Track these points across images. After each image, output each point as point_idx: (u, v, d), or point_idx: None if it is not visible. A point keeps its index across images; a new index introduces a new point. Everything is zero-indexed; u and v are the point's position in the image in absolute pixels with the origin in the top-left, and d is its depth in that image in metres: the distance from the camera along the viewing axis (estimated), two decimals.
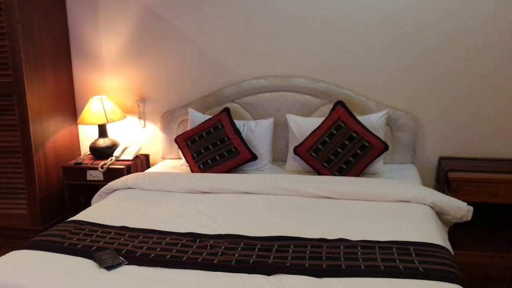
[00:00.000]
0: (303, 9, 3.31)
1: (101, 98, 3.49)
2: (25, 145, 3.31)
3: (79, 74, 3.77)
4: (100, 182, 3.37)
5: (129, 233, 2.13)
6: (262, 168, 3.19)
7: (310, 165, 2.99)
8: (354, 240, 1.98)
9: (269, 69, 3.43)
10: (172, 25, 3.53)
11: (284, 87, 3.35)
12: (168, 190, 2.76)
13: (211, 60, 3.53)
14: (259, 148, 3.20)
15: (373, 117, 3.10)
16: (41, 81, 3.39)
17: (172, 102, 3.65)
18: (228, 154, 3.09)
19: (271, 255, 1.88)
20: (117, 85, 3.72)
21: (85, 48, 3.72)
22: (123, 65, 3.68)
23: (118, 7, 3.58)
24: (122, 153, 3.51)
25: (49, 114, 3.49)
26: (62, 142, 3.65)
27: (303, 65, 3.37)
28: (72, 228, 2.19)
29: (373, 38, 3.25)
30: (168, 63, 3.61)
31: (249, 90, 3.41)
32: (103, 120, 3.44)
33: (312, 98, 3.31)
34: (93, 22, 3.65)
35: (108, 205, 2.59)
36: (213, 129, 3.16)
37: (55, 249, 1.97)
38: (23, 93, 3.23)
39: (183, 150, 3.23)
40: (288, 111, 3.32)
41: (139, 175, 2.93)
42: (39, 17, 3.36)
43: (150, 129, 3.77)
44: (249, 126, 3.27)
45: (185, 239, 2.06)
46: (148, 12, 3.55)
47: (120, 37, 3.64)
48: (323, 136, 2.96)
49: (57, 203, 3.58)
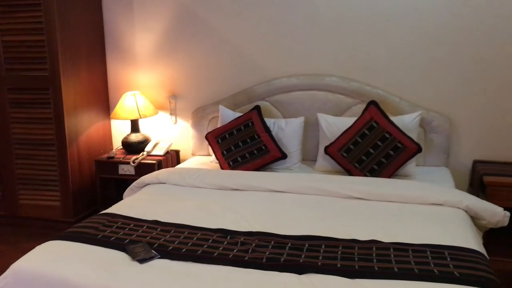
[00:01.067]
0: (337, 7, 3.28)
1: (134, 94, 3.54)
2: (59, 138, 3.38)
3: (113, 69, 3.84)
4: (131, 176, 3.41)
5: (161, 227, 2.16)
6: (291, 167, 3.17)
7: (341, 165, 2.96)
8: (386, 242, 1.95)
9: (301, 67, 3.41)
10: (205, 22, 3.55)
11: (315, 86, 3.32)
12: (198, 186, 2.78)
13: (242, 58, 3.54)
14: (289, 147, 3.19)
15: (407, 118, 3.05)
16: (76, 76, 3.46)
17: (203, 99, 3.67)
18: (258, 152, 3.09)
19: (302, 254, 1.87)
20: (150, 81, 3.77)
21: (119, 44, 3.78)
22: (156, 61, 3.73)
23: (152, 3, 3.62)
24: (153, 148, 3.56)
25: (83, 108, 3.56)
26: (95, 136, 3.71)
27: (335, 64, 3.34)
28: (105, 220, 2.23)
29: (408, 38, 3.19)
30: (200, 60, 3.63)
31: (280, 89, 3.40)
32: (136, 116, 3.49)
33: (344, 97, 3.28)
34: (127, 18, 3.70)
35: (140, 199, 2.62)
36: (244, 127, 3.16)
37: (89, 241, 2.00)
38: (59, 87, 3.30)
39: (213, 147, 3.24)
40: (319, 110, 3.29)
41: (170, 171, 2.96)
42: (75, 12, 3.43)
43: (181, 125, 3.80)
44: (279, 124, 3.26)
45: (215, 235, 2.07)
46: (182, 9, 3.58)
47: (153, 34, 3.68)
48: (355, 136, 2.93)
49: (88, 196, 3.65)
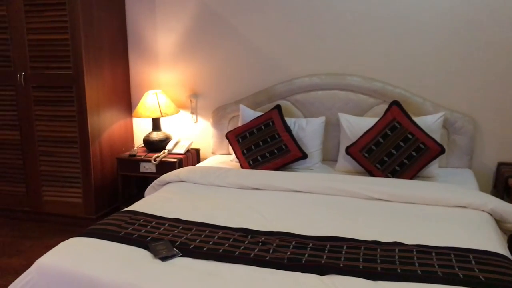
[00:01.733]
0: (358, 6, 3.25)
1: (156, 93, 3.57)
2: (82, 136, 3.43)
3: (135, 68, 3.87)
4: (152, 174, 3.44)
5: (182, 225, 2.17)
6: (312, 167, 3.16)
7: (362, 166, 2.94)
8: (409, 244, 1.93)
9: (322, 66, 3.40)
10: (227, 22, 3.56)
11: (337, 86, 3.30)
12: (219, 184, 2.79)
13: (263, 57, 3.54)
14: (309, 147, 3.18)
15: (430, 119, 3.01)
16: (99, 74, 3.50)
17: (223, 98, 3.68)
18: (278, 151, 3.08)
19: (323, 255, 1.86)
20: (171, 80, 3.79)
21: (141, 43, 3.81)
22: (177, 61, 3.75)
23: (174, 3, 3.65)
24: (174, 146, 3.58)
25: (106, 106, 3.60)
26: (117, 134, 3.76)
27: (357, 64, 3.32)
28: (128, 218, 2.25)
29: (430, 37, 3.15)
30: (221, 59, 3.64)
31: (301, 88, 3.39)
32: (157, 114, 3.52)
33: (366, 97, 3.25)
34: (150, 17, 3.73)
35: (162, 197, 2.64)
36: (264, 126, 3.16)
37: (112, 238, 2.02)
38: (82, 86, 3.35)
39: (234, 146, 3.25)
40: (341, 110, 3.27)
41: (191, 169, 2.98)
42: (99, 11, 3.47)
43: (201, 124, 3.81)
44: (300, 124, 3.25)
45: (236, 234, 2.07)
46: (204, 8, 3.59)
47: (175, 33, 3.70)
48: (377, 137, 2.90)
49: (110, 193, 3.70)
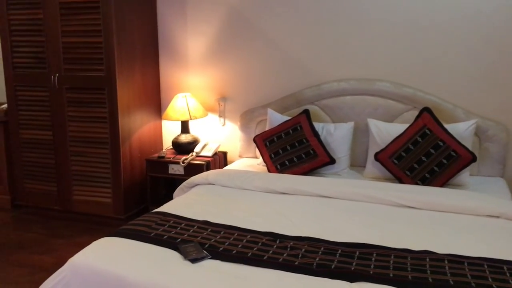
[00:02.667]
0: (388, 11, 3.23)
1: (186, 96, 3.61)
2: (113, 137, 3.50)
3: (165, 71, 3.93)
4: (180, 176, 3.48)
5: (211, 228, 2.19)
6: (339, 173, 3.15)
7: (392, 172, 2.91)
8: (440, 253, 1.90)
9: (351, 72, 3.38)
10: (256, 26, 3.58)
11: (366, 91, 3.28)
12: (247, 188, 2.80)
13: (292, 62, 3.54)
14: (337, 152, 3.17)
15: (461, 126, 2.96)
16: (130, 77, 3.56)
17: (251, 102, 3.70)
18: (306, 156, 3.08)
19: (353, 261, 1.85)
20: (200, 83, 3.83)
21: (172, 46, 3.86)
22: (207, 64, 3.79)
23: (205, 7, 3.69)
24: (202, 149, 3.62)
25: (136, 108, 3.66)
26: (146, 135, 3.81)
27: (387, 69, 3.29)
28: (158, 219, 2.28)
29: (463, 43, 3.10)
30: (250, 63, 3.66)
31: (330, 93, 3.38)
32: (187, 117, 3.56)
33: (396, 103, 3.22)
34: (181, 21, 3.79)
35: (190, 199, 2.67)
36: (292, 131, 3.16)
37: (143, 238, 2.05)
38: (114, 88, 3.41)
39: (261, 150, 3.26)
40: (370, 115, 3.25)
41: (219, 172, 3.00)
42: (131, 15, 3.53)
43: (229, 127, 3.84)
44: (328, 129, 3.24)
45: (265, 238, 2.08)
46: (233, 13, 3.62)
47: (205, 37, 3.74)
48: (407, 143, 2.87)
49: (138, 194, 3.75)
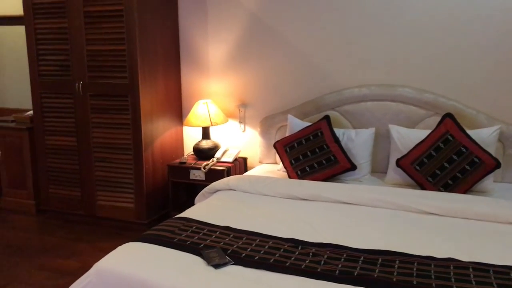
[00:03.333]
0: (409, 16, 3.22)
1: (206, 102, 3.65)
2: (136, 143, 3.55)
3: (186, 78, 3.98)
4: (201, 181, 3.52)
5: (233, 233, 2.21)
6: (361, 179, 3.14)
7: (414, 178, 2.89)
8: (464, 261, 1.89)
9: (372, 77, 3.38)
10: (276, 33, 3.60)
11: (387, 97, 3.27)
12: (267, 194, 2.81)
13: (312, 68, 3.55)
14: (358, 158, 3.16)
15: (484, 132, 2.93)
16: (153, 84, 3.62)
17: (271, 108, 3.72)
18: (326, 162, 3.08)
19: (375, 269, 1.84)
20: (221, 90, 3.87)
21: (193, 54, 3.91)
22: (227, 71, 3.82)
23: (226, 14, 3.73)
24: (222, 155, 3.64)
25: (159, 115, 3.71)
26: (168, 141, 3.86)
27: (408, 75, 3.28)
28: (181, 224, 2.31)
29: (485, 48, 3.07)
30: (270, 69, 3.68)
31: (351, 99, 3.38)
32: (208, 123, 3.59)
33: (417, 109, 3.21)
34: (202, 29, 3.83)
35: (212, 205, 2.69)
36: (313, 137, 3.17)
37: (166, 244, 2.08)
38: (137, 95, 3.47)
39: (282, 156, 3.27)
40: (391, 121, 3.24)
41: (240, 178, 3.02)
42: (154, 23, 3.59)
43: (249, 133, 3.86)
44: (349, 135, 3.24)
45: (287, 244, 2.09)
46: (254, 20, 3.65)
47: (226, 44, 3.78)
48: (429, 149, 2.85)
49: (160, 199, 3.80)
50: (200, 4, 3.80)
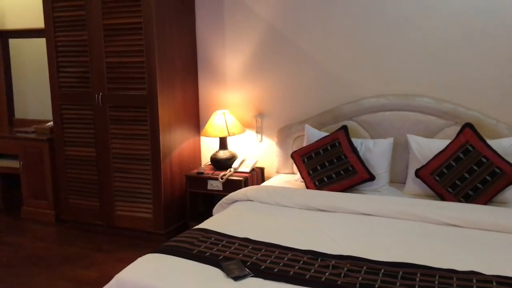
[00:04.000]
0: (427, 25, 3.21)
1: (224, 112, 3.67)
2: (154, 154, 3.58)
3: (204, 89, 4.01)
4: (219, 192, 3.53)
5: (252, 245, 2.21)
6: (379, 189, 3.12)
7: (433, 189, 2.86)
8: (487, 274, 1.86)
9: (390, 87, 3.36)
10: (293, 43, 3.62)
11: (405, 107, 3.25)
12: (286, 205, 2.81)
13: (329, 78, 3.55)
14: (377, 168, 3.14)
15: (505, 142, 2.89)
16: (171, 95, 3.65)
17: (288, 118, 3.72)
18: (344, 172, 3.07)
19: (397, 281, 1.83)
20: (238, 100, 3.89)
21: (210, 65, 3.94)
22: (244, 81, 3.84)
23: (243, 26, 3.76)
24: (240, 165, 3.65)
25: (177, 125, 3.74)
26: (186, 152, 3.89)
27: (427, 84, 3.26)
28: (200, 236, 2.31)
29: (505, 57, 3.04)
30: (287, 79, 3.69)
31: (368, 109, 3.37)
32: (225, 134, 3.61)
33: (436, 118, 3.18)
34: (219, 40, 3.86)
35: (230, 216, 2.70)
36: (330, 147, 3.16)
37: (186, 255, 2.09)
38: (155, 106, 3.50)
39: (299, 166, 3.27)
40: (409, 131, 3.21)
41: (258, 188, 3.03)
42: (172, 35, 3.63)
43: (266, 143, 3.87)
44: (367, 145, 3.22)
45: (306, 256, 2.08)
46: (270, 30, 3.67)
47: (243, 55, 3.80)
48: (448, 160, 2.82)
49: (178, 209, 3.81)
50: (217, 16, 3.83)
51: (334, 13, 3.46)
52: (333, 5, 3.45)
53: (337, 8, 3.44)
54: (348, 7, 3.41)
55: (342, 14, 3.43)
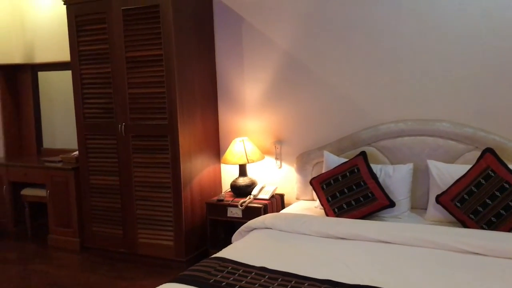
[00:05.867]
0: (445, 49, 3.21)
1: (243, 140, 3.71)
2: (175, 182, 3.63)
3: (223, 117, 4.07)
4: (239, 219, 3.54)
5: (269, 274, 2.20)
6: (400, 216, 3.08)
7: (454, 215, 2.81)
8: None
9: (408, 112, 3.35)
10: (310, 70, 3.66)
11: (424, 132, 3.23)
12: (304, 233, 2.80)
13: (347, 103, 3.56)
14: (397, 194, 3.11)
15: None
16: (191, 124, 3.72)
17: (307, 144, 3.73)
18: (364, 199, 3.05)
19: None
20: (257, 127, 3.93)
21: (230, 93, 4.01)
22: (263, 109, 3.89)
23: (261, 55, 3.83)
24: (259, 192, 3.67)
25: (197, 153, 3.80)
26: (206, 179, 3.93)
27: (445, 109, 3.24)
28: (217, 265, 2.33)
29: None
30: (305, 106, 3.72)
31: (387, 134, 3.35)
32: (244, 161, 3.65)
33: (456, 143, 3.14)
34: (238, 70, 3.94)
35: (248, 244, 2.71)
36: (349, 173, 3.15)
37: (202, 285, 2.11)
38: (176, 135, 3.58)
39: (318, 193, 3.26)
40: (429, 156, 3.18)
41: (276, 216, 3.03)
42: (192, 66, 3.73)
43: (285, 170, 3.88)
44: (386, 171, 3.20)
45: (323, 286, 2.06)
46: (288, 58, 3.73)
47: (261, 83, 3.86)
48: (469, 186, 2.78)
49: (199, 236, 3.84)
50: (236, 46, 3.92)
51: (351, 39, 3.49)
52: (350, 32, 3.49)
53: (354, 34, 3.48)
54: (365, 33, 3.44)
55: (359, 40, 3.46)
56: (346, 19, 3.49)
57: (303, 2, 3.63)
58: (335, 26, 3.53)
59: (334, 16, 3.53)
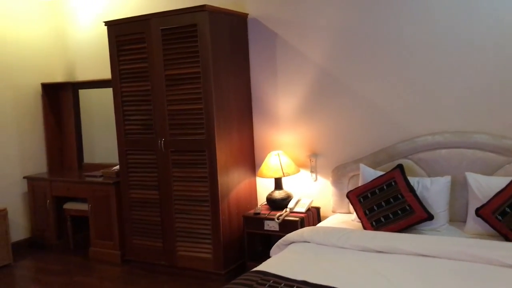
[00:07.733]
0: (482, 63, 3.19)
1: (278, 153, 3.77)
2: (213, 195, 3.71)
3: (258, 131, 4.14)
4: (275, 232, 3.59)
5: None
6: (438, 229, 3.06)
7: (496, 229, 2.78)
8: None
9: (445, 124, 3.34)
10: (344, 83, 3.69)
11: (462, 144, 3.22)
12: (342, 246, 2.81)
13: (383, 116, 3.58)
14: (435, 207, 3.09)
15: None
16: (227, 138, 3.81)
17: (343, 157, 3.76)
18: (402, 212, 3.05)
19: None
20: (292, 141, 3.98)
21: (264, 107, 4.09)
22: (297, 122, 3.94)
23: (294, 69, 3.89)
24: (295, 205, 3.71)
25: (233, 167, 3.88)
26: (242, 192, 4.00)
27: (483, 120, 3.22)
28: (258, 278, 2.37)
29: None
30: (339, 119, 3.75)
31: (424, 147, 3.35)
32: (280, 174, 3.70)
33: (496, 155, 3.11)
34: (272, 84, 4.02)
35: (287, 257, 2.74)
36: (386, 186, 3.16)
37: None
38: (213, 149, 3.66)
39: (355, 206, 3.27)
40: (468, 169, 3.16)
41: (314, 229, 3.06)
42: (228, 82, 3.82)
43: (321, 183, 3.91)
44: (424, 183, 3.19)
45: None
46: (321, 72, 3.78)
47: (295, 97, 3.92)
48: (511, 198, 2.75)
49: (236, 249, 3.90)
50: (270, 61, 4.00)
51: (385, 53, 3.52)
52: (384, 46, 3.52)
53: (388, 48, 3.50)
54: (399, 47, 3.46)
55: (394, 53, 3.49)
56: (380, 34, 3.52)
57: (336, 17, 3.68)
58: (369, 40, 3.57)
59: (368, 30, 3.56)
